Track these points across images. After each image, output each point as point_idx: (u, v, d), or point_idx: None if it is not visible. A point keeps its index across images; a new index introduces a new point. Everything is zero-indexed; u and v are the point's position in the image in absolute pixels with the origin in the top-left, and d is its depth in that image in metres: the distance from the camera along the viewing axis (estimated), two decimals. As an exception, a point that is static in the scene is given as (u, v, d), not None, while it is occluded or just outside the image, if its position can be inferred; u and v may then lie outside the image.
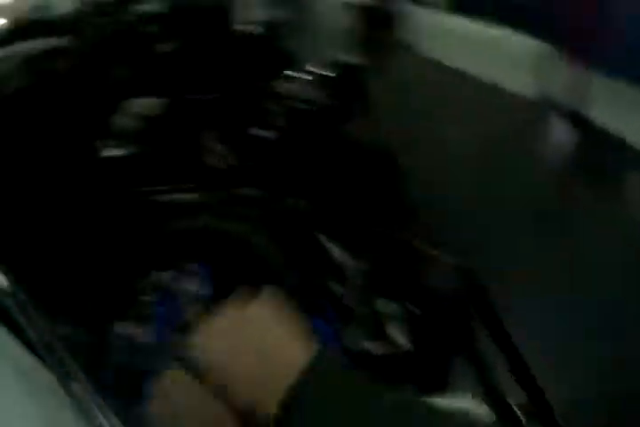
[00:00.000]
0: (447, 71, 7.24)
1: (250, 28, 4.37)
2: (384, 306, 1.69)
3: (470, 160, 4.64)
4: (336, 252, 1.81)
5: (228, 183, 2.29)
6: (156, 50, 4.90)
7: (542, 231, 3.56)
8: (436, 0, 8.77)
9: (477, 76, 6.66)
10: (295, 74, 2.86)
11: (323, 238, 1.83)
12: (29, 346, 0.69)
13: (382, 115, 3.00)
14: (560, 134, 5.31)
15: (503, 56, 6.20)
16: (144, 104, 3.01)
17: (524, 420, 1.69)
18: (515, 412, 1.69)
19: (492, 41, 6.51)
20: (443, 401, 1.62)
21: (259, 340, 0.71)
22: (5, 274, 0.74)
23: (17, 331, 0.70)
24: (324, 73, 2.83)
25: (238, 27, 4.21)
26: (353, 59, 2.86)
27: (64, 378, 0.66)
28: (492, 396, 1.88)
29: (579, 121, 5.17)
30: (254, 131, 2.53)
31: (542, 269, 2.84)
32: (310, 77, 2.81)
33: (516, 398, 1.76)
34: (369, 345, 1.63)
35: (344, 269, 1.80)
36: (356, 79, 2.83)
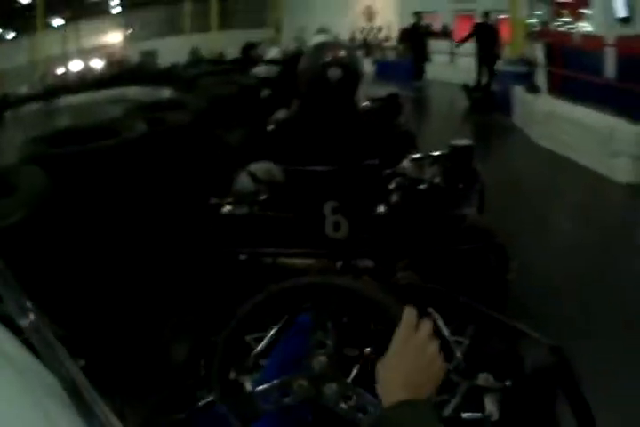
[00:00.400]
0: (550, 155, 7.30)
1: (372, 103, 4.57)
2: (484, 380, 1.76)
3: (568, 240, 4.67)
4: (443, 327, 1.89)
5: (344, 253, 2.38)
6: (276, 115, 5.14)
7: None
8: (542, 85, 8.91)
9: (580, 162, 6.69)
10: (415, 155, 2.99)
11: (434, 314, 1.91)
12: (29, 346, 0.69)
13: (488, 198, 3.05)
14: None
15: (607, 143, 6.22)
16: (264, 168, 3.18)
17: None
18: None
19: (596, 126, 6.55)
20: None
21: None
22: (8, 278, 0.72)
23: (17, 331, 0.69)
24: (441, 155, 2.94)
25: (362, 101, 4.41)
26: (467, 142, 2.95)
27: (64, 378, 0.66)
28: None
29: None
30: (373, 205, 2.66)
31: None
32: (428, 159, 2.93)
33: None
34: (466, 415, 1.69)
35: (449, 344, 1.88)
36: (469, 162, 2.91)
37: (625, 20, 7.30)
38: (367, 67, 16.59)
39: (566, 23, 11.15)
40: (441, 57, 15.98)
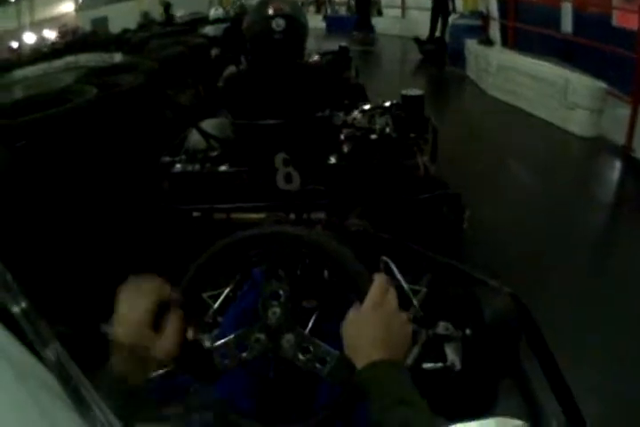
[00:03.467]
0: (504, 107, 7.33)
1: (322, 57, 4.53)
2: (444, 329, 1.78)
3: (522, 193, 4.70)
4: (400, 276, 1.90)
5: (296, 205, 2.36)
6: (225, 73, 5.04)
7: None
8: (495, 38, 8.92)
9: (535, 114, 6.74)
10: (366, 106, 2.97)
11: (390, 263, 1.91)
12: (29, 346, 0.68)
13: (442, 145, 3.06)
14: (612, 171, 5.35)
15: (562, 94, 6.26)
16: (215, 124, 3.13)
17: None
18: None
19: (550, 78, 6.59)
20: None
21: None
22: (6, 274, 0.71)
23: (17, 331, 0.69)
24: (392, 105, 2.92)
25: (312, 56, 4.36)
26: (417, 91, 2.93)
27: (64, 378, 0.66)
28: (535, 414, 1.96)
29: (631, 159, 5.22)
30: (324, 157, 2.64)
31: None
32: (379, 110, 2.91)
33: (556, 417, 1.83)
34: (427, 365, 1.71)
35: (406, 293, 1.88)
36: (421, 112, 2.90)
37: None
38: (317, 23, 16.43)
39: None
40: (392, 11, 15.83)
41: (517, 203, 4.41)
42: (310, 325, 1.33)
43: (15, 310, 0.68)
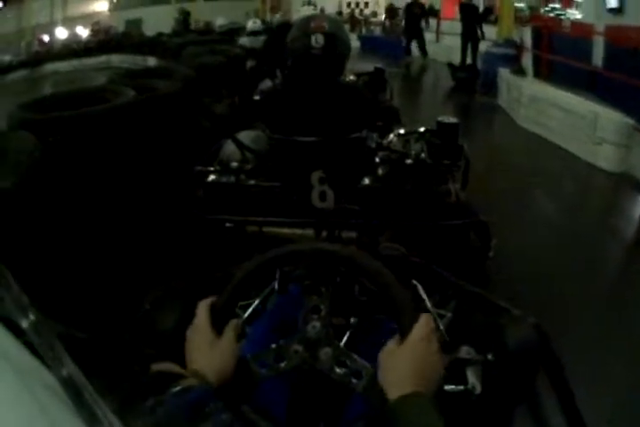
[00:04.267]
0: (534, 138, 7.34)
1: (358, 78, 4.57)
2: (466, 353, 1.80)
3: (550, 227, 4.72)
4: (428, 301, 1.93)
5: (329, 223, 2.40)
6: (261, 85, 5.08)
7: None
8: (528, 68, 8.94)
9: (564, 147, 6.75)
10: (401, 130, 3.00)
11: (419, 287, 1.94)
12: (29, 346, 0.68)
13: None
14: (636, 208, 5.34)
15: (591, 128, 6.27)
16: (251, 137, 3.18)
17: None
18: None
19: (581, 112, 6.62)
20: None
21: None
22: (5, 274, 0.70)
23: (17, 331, 0.68)
24: (427, 131, 2.95)
25: (348, 76, 4.40)
26: (453, 119, 2.96)
27: (64, 378, 0.65)
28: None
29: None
30: (359, 178, 2.68)
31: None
32: (415, 135, 2.95)
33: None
34: (449, 387, 1.73)
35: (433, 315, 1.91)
36: (455, 139, 2.93)
37: (615, 11, 7.37)
38: (352, 42, 16.52)
39: (554, 9, 11.19)
40: (427, 35, 15.97)
41: (540, 236, 4.44)
42: (344, 341, 1.37)
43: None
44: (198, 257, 2.57)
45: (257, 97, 3.12)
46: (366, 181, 2.70)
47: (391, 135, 2.99)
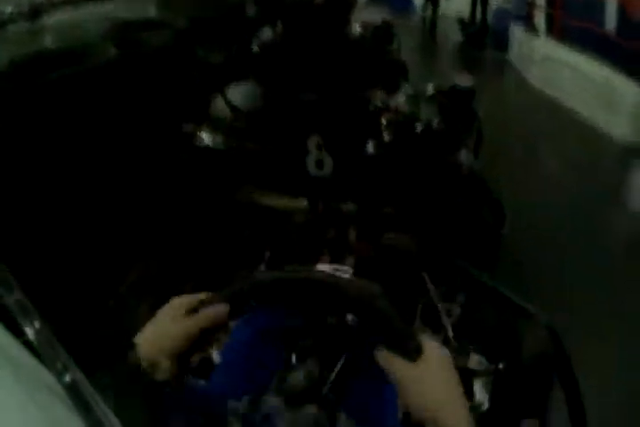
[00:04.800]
0: (548, 101, 7.13)
1: (364, 31, 4.26)
2: (476, 364, 1.59)
3: (553, 192, 4.59)
4: (435, 295, 1.71)
5: (326, 194, 2.16)
6: (261, 34, 4.77)
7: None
8: (540, 26, 8.67)
9: (576, 110, 6.55)
10: (409, 89, 2.74)
11: (427, 279, 1.71)
12: (29, 346, 0.69)
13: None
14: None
15: (605, 96, 6.09)
16: (243, 92, 2.90)
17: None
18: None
19: (597, 79, 6.41)
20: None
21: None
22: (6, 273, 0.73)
23: (17, 331, 0.70)
24: (439, 93, 2.71)
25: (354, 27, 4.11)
26: (469, 83, 2.70)
27: (64, 378, 0.66)
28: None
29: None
30: (361, 144, 2.41)
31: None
32: (425, 96, 2.70)
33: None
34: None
35: (440, 312, 1.71)
36: (470, 105, 2.69)
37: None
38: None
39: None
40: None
41: (548, 204, 4.39)
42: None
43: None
44: (182, 228, 2.31)
45: (255, 47, 2.86)
46: (369, 147, 2.42)
47: (398, 95, 2.71)
